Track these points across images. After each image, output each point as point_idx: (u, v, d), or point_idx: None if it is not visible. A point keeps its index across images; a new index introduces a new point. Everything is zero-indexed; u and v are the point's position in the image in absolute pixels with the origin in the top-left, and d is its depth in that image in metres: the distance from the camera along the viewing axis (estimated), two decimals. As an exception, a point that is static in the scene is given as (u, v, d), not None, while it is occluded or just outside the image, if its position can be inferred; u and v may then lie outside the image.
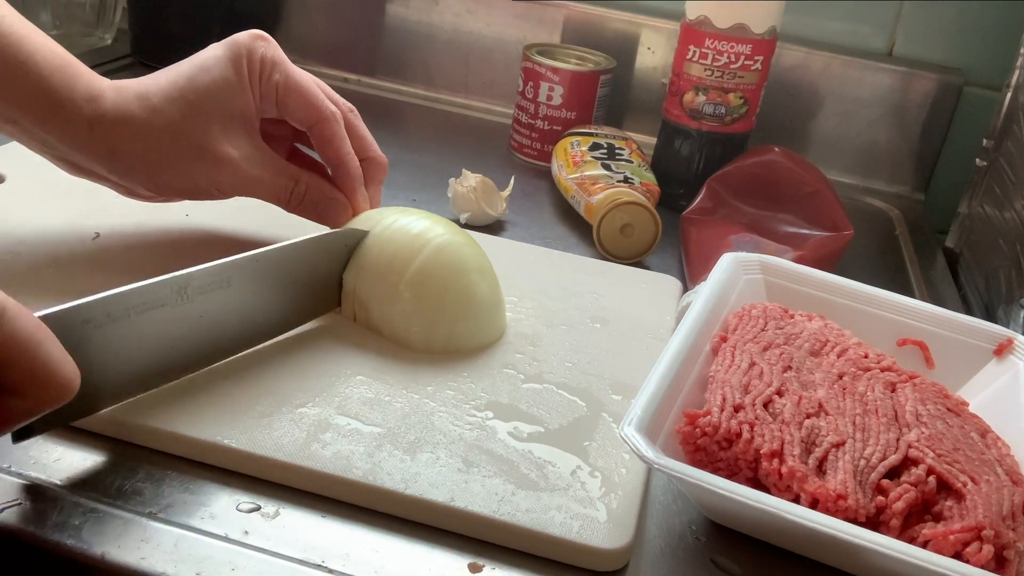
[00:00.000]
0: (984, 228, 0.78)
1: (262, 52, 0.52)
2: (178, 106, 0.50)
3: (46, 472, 0.41)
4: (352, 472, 0.42)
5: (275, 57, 0.53)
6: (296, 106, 0.53)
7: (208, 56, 0.52)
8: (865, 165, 0.92)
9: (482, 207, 0.69)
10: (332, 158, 0.54)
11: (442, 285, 0.51)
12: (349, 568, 0.38)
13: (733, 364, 0.47)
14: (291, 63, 0.54)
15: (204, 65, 0.51)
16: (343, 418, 0.45)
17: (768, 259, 0.56)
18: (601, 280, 0.62)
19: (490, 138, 0.91)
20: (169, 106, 0.50)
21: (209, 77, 0.51)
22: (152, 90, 0.50)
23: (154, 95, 0.50)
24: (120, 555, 0.37)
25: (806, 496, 0.40)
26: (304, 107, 0.53)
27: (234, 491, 0.41)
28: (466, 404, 0.47)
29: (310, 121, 0.53)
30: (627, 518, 0.41)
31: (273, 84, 0.52)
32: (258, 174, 0.52)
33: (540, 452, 0.45)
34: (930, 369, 0.53)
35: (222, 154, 0.51)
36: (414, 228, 0.52)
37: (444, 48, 0.98)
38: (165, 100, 0.50)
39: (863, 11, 0.90)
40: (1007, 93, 0.80)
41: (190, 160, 0.51)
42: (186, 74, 0.51)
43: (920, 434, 0.44)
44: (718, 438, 0.42)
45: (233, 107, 0.51)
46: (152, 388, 0.44)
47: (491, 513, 0.40)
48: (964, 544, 0.39)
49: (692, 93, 0.77)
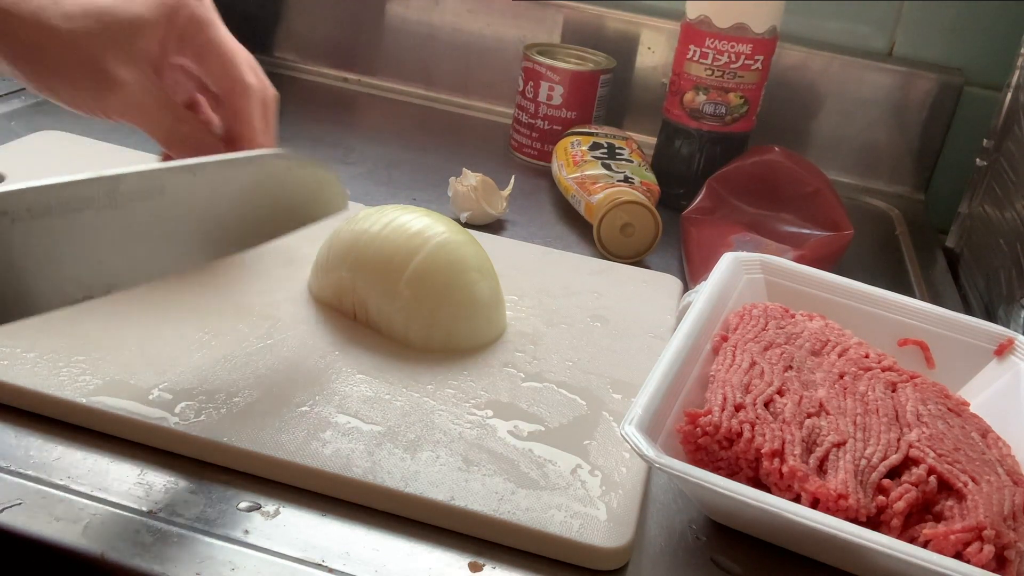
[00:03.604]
0: (984, 228, 0.78)
1: (192, 9, 0.52)
2: (87, 21, 0.50)
3: (46, 472, 0.41)
4: (352, 470, 0.41)
5: (204, 17, 0.53)
6: (215, 70, 0.53)
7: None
8: (865, 165, 0.92)
9: (482, 206, 0.69)
10: (237, 129, 0.53)
11: (442, 283, 0.51)
12: (349, 567, 0.38)
13: (734, 363, 0.47)
14: (224, 28, 0.54)
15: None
16: (343, 416, 0.45)
17: (769, 259, 0.56)
18: (601, 279, 0.62)
19: (490, 138, 0.91)
20: (81, 18, 0.50)
21: (128, 10, 0.51)
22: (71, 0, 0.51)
23: (69, 3, 0.50)
24: (120, 555, 0.37)
25: (807, 495, 0.40)
26: (223, 73, 0.53)
27: (234, 490, 0.41)
28: (466, 403, 0.47)
29: (226, 88, 0.53)
30: (627, 517, 0.41)
31: (197, 43, 0.52)
32: (143, 101, 0.52)
33: (540, 451, 0.45)
34: (931, 369, 0.53)
35: (114, 75, 0.51)
36: (414, 226, 0.52)
37: (444, 48, 0.98)
38: (80, 11, 0.50)
39: (863, 11, 0.90)
40: (1007, 93, 0.80)
41: (79, 72, 0.51)
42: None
43: (921, 434, 0.44)
44: (719, 437, 0.42)
45: (139, 44, 0.51)
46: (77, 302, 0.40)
47: (491, 512, 0.40)
48: (965, 544, 0.39)
49: (692, 93, 0.77)
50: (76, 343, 0.47)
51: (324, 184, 0.52)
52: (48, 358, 0.45)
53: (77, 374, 0.45)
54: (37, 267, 0.38)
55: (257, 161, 0.48)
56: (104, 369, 0.45)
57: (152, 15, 0.51)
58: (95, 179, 0.39)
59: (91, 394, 0.43)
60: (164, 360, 0.47)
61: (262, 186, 0.48)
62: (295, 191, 0.50)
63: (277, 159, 0.49)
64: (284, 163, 0.49)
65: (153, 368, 0.46)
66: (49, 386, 0.44)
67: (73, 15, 0.50)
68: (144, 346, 0.47)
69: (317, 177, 0.51)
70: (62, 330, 0.47)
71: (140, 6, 0.51)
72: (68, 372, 0.45)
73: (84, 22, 0.50)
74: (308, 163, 0.50)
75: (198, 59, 0.53)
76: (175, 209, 0.43)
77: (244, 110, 0.53)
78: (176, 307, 0.51)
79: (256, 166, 0.48)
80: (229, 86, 0.53)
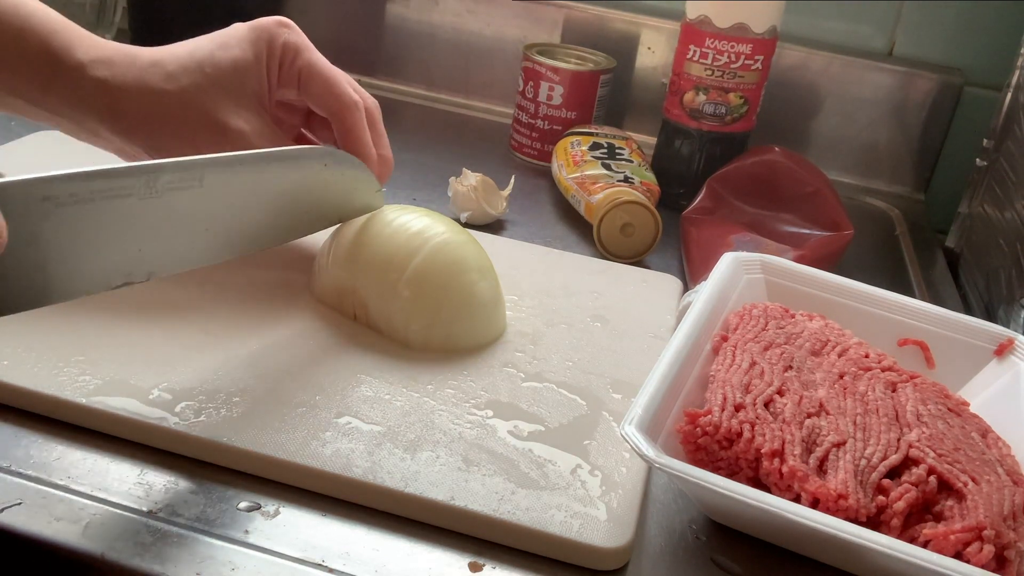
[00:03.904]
0: (985, 228, 0.78)
1: (285, 38, 0.53)
2: (193, 76, 0.51)
3: (46, 471, 0.41)
4: (352, 470, 0.41)
5: (299, 43, 0.53)
6: (319, 91, 0.53)
7: (230, 34, 0.52)
8: (865, 165, 0.92)
9: (482, 206, 0.69)
10: (351, 145, 0.54)
11: (442, 283, 0.51)
12: (349, 567, 0.38)
13: (734, 363, 0.47)
14: (316, 51, 0.54)
15: (225, 42, 0.52)
16: (343, 416, 0.45)
17: (769, 259, 0.56)
18: (601, 279, 0.62)
19: (490, 138, 0.91)
20: (184, 75, 0.51)
21: (228, 55, 0.51)
22: (168, 58, 0.51)
23: (169, 63, 0.51)
24: (120, 555, 0.37)
25: (807, 495, 0.40)
26: (327, 93, 0.53)
27: (234, 490, 0.41)
28: (466, 403, 0.47)
29: (333, 107, 0.54)
30: (627, 517, 0.41)
31: (296, 69, 0.53)
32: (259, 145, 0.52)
33: (540, 451, 0.45)
34: (931, 369, 0.53)
35: (231, 126, 0.51)
36: (414, 226, 0.52)
37: (444, 48, 0.98)
38: (181, 69, 0.51)
39: (863, 11, 0.90)
40: (1007, 93, 0.80)
41: (197, 128, 0.51)
42: (205, 48, 0.52)
43: (921, 434, 0.44)
44: (719, 437, 0.42)
45: (247, 86, 0.52)
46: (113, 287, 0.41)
47: (491, 512, 0.40)
48: (965, 544, 0.39)
49: (692, 93, 0.77)
50: (76, 343, 0.47)
51: (360, 182, 0.53)
52: (48, 358, 0.45)
53: (77, 374, 0.45)
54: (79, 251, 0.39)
55: (295, 158, 0.49)
56: (104, 369, 0.45)
57: (252, 54, 0.52)
58: (136, 168, 0.40)
59: (91, 394, 0.43)
60: (164, 360, 0.47)
61: (300, 183, 0.49)
62: (331, 188, 0.51)
63: (316, 157, 0.50)
64: (322, 161, 0.50)
65: (153, 368, 0.46)
66: (49, 386, 0.44)
67: (176, 74, 0.50)
68: (144, 346, 0.47)
69: (354, 176, 0.52)
70: (62, 330, 0.47)
71: (237, 48, 0.52)
72: (68, 372, 0.45)
73: (190, 78, 0.50)
74: (346, 161, 0.52)
75: (300, 84, 0.53)
76: (213, 202, 0.44)
77: (354, 126, 0.54)
78: (176, 307, 0.51)
79: (294, 163, 0.49)
80: (335, 106, 0.54)
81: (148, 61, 0.51)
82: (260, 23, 0.53)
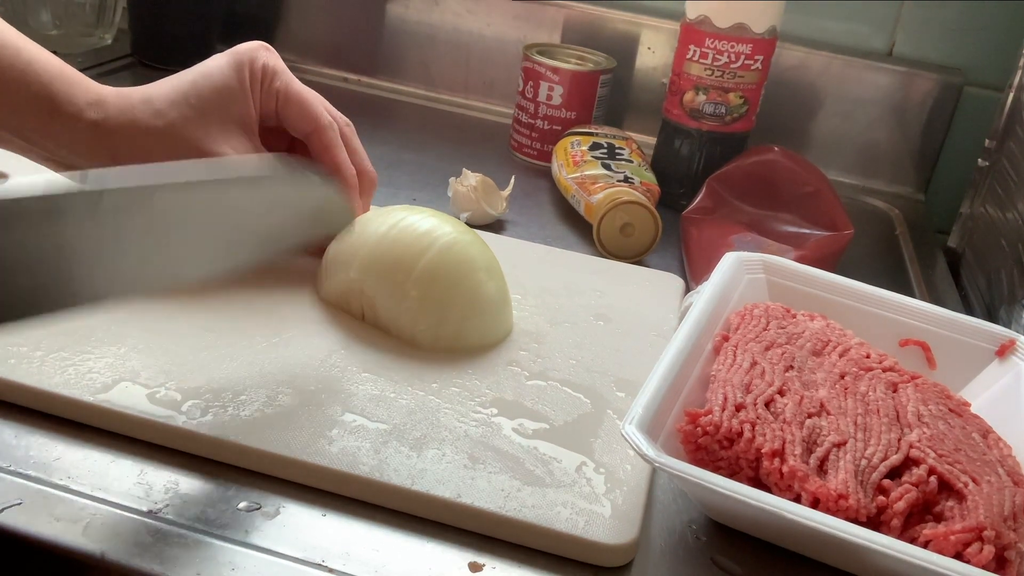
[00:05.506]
0: (986, 228, 0.78)
1: (264, 61, 0.54)
2: (181, 109, 0.52)
3: (46, 472, 0.41)
4: (358, 468, 0.42)
5: (276, 66, 0.54)
6: (295, 114, 0.55)
7: (211, 64, 0.53)
8: (865, 165, 0.93)
9: (482, 206, 0.69)
10: (328, 164, 0.55)
11: (449, 283, 0.51)
12: (349, 567, 0.38)
13: (735, 363, 0.47)
14: (291, 74, 0.55)
15: (207, 72, 0.53)
16: (349, 415, 0.45)
17: (771, 259, 0.56)
18: (604, 278, 0.62)
19: (490, 138, 0.91)
20: (172, 109, 0.51)
21: (211, 83, 0.52)
22: (155, 95, 0.52)
23: (157, 99, 0.52)
24: (120, 555, 0.37)
25: (807, 496, 0.40)
26: (302, 115, 0.55)
27: (234, 490, 0.41)
28: (471, 401, 0.47)
29: (308, 129, 0.55)
30: (632, 514, 0.42)
31: (273, 92, 0.54)
32: None
33: (545, 448, 0.45)
34: (932, 370, 0.53)
35: (219, 154, 0.52)
36: (421, 226, 0.52)
37: (444, 48, 0.98)
38: (168, 104, 0.52)
39: (863, 11, 0.90)
40: (1009, 93, 0.80)
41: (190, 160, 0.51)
42: (189, 80, 0.53)
43: (921, 434, 0.44)
44: (719, 437, 0.42)
45: (234, 112, 0.53)
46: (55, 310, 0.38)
47: (497, 509, 0.41)
48: (965, 544, 0.39)
49: (692, 93, 0.77)
50: (82, 342, 0.47)
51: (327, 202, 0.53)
52: (55, 356, 0.45)
53: (84, 372, 0.45)
54: None
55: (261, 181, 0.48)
56: (111, 367, 0.45)
57: (235, 79, 0.53)
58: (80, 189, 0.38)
59: (98, 392, 0.44)
60: (171, 359, 0.47)
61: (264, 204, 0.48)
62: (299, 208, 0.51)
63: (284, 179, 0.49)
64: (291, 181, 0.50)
65: (160, 367, 0.46)
66: (56, 384, 0.44)
67: (164, 110, 0.51)
68: (151, 345, 0.48)
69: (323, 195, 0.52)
70: (68, 329, 0.47)
71: (219, 76, 0.53)
72: (75, 370, 0.45)
73: (177, 111, 0.51)
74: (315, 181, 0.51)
75: (277, 107, 0.54)
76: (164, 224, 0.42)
77: (330, 144, 0.55)
78: (182, 306, 0.51)
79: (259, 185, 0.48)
80: (310, 127, 0.55)
81: (139, 99, 0.52)
82: (239, 49, 0.54)
